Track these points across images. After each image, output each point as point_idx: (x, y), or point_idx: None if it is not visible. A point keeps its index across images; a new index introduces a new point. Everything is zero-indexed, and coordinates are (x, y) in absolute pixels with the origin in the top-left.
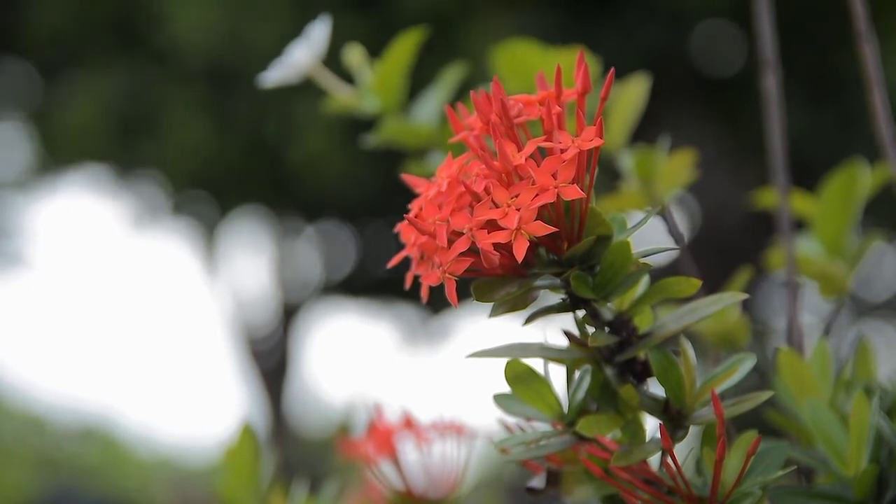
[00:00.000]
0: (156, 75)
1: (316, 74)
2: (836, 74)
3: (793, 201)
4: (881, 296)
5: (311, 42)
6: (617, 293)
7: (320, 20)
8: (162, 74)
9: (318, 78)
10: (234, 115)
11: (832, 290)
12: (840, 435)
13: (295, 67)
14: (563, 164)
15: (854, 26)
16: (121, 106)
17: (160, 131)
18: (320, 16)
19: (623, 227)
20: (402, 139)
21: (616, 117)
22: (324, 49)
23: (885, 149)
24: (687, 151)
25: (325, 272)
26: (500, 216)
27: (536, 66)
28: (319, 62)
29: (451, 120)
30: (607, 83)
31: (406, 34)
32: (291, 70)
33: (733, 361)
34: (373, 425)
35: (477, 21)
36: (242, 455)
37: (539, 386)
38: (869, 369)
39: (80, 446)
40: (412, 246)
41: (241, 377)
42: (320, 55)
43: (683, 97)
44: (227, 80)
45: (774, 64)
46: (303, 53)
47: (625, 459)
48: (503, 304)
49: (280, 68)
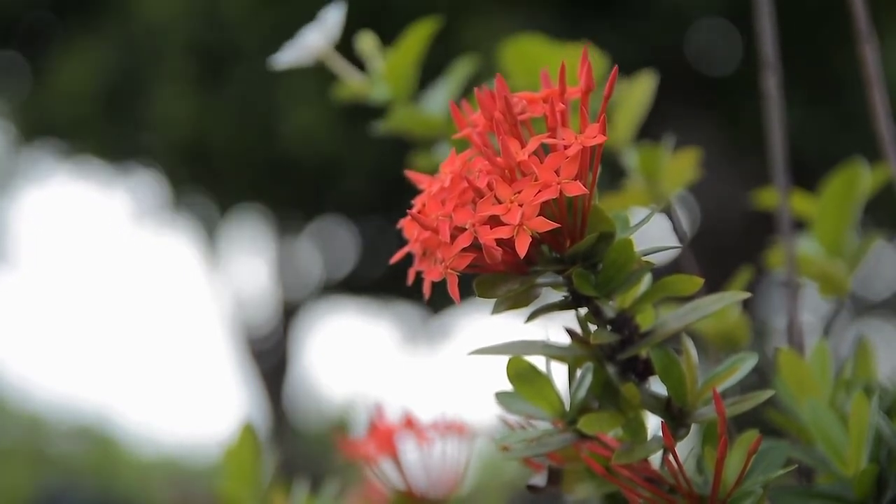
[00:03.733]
0: (141, 50)
1: (328, 59)
2: (837, 74)
3: (793, 201)
4: (881, 294)
5: (325, 26)
6: (619, 291)
7: (335, 5)
8: (147, 49)
9: (330, 63)
10: (223, 92)
11: (832, 290)
12: (840, 434)
13: (308, 50)
14: (567, 160)
15: (854, 26)
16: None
17: (149, 108)
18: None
19: (626, 225)
20: (411, 128)
21: (622, 114)
22: (337, 34)
23: (885, 149)
24: (691, 150)
25: (325, 271)
26: (502, 212)
27: (544, 62)
28: (332, 47)
29: (454, 116)
30: (611, 81)
31: (419, 24)
32: (304, 53)
33: (734, 360)
34: (373, 425)
35: (478, 21)
36: (243, 455)
37: (541, 384)
38: (869, 369)
39: (78, 445)
40: (415, 242)
41: (242, 376)
42: (334, 40)
43: (683, 96)
44: (212, 56)
45: (775, 64)
46: (316, 37)
47: (626, 457)
48: (505, 300)
49: (293, 50)
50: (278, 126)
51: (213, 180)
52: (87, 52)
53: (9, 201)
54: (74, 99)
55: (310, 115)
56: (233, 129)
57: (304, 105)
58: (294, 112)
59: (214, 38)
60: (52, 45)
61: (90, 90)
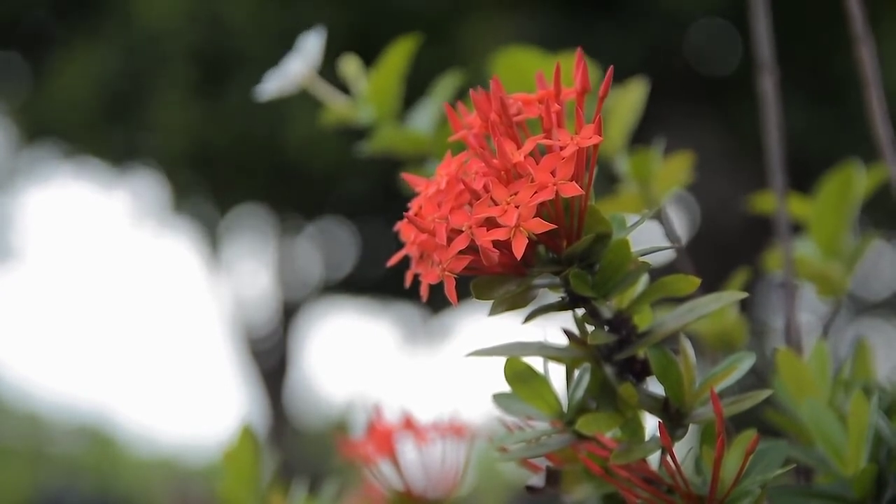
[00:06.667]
0: (143, 56)
1: (311, 85)
2: (834, 75)
3: (790, 204)
4: (879, 294)
5: (305, 53)
6: (616, 291)
7: (314, 32)
8: (149, 54)
9: (314, 89)
10: (225, 96)
11: (829, 291)
12: (839, 434)
13: (290, 79)
14: (562, 161)
15: (852, 28)
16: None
17: (151, 113)
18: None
19: (622, 226)
20: (397, 147)
21: (615, 121)
22: (318, 60)
23: (883, 149)
24: (684, 153)
25: (325, 271)
26: (499, 214)
27: (535, 73)
28: (314, 73)
29: (450, 118)
30: (606, 82)
31: (400, 41)
32: (287, 82)
33: (732, 360)
34: (372, 425)
35: (476, 22)
36: (242, 455)
37: (538, 385)
38: (867, 369)
39: (78, 445)
40: (412, 244)
41: (241, 377)
42: (315, 66)
43: (681, 97)
44: (215, 61)
45: (772, 66)
46: (297, 65)
47: (624, 458)
48: (502, 302)
49: (276, 80)
50: (280, 133)
51: (214, 183)
52: (89, 57)
53: (10, 201)
54: (75, 102)
55: (312, 121)
56: (234, 136)
57: (307, 112)
58: (296, 119)
59: (217, 44)
60: (53, 48)
61: (91, 94)
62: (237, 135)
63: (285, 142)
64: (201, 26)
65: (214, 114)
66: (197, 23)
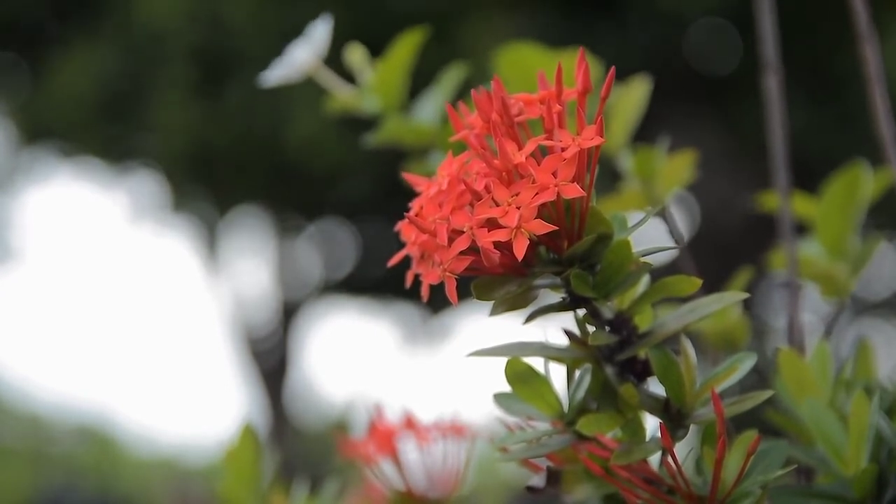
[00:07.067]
0: (143, 55)
1: (317, 74)
2: (835, 75)
3: (794, 203)
4: (880, 294)
5: (312, 41)
6: (617, 292)
7: (322, 19)
8: (149, 54)
9: (319, 77)
10: (225, 96)
11: (834, 292)
12: (840, 434)
13: (296, 67)
14: (564, 162)
15: (855, 26)
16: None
17: (150, 113)
18: (322, 15)
19: (623, 226)
20: (403, 139)
21: (617, 119)
22: (325, 48)
23: (886, 149)
24: (687, 151)
25: (325, 271)
26: (500, 214)
27: (538, 69)
28: (320, 61)
29: (451, 118)
30: (608, 82)
31: (407, 34)
32: (292, 69)
33: (733, 360)
34: (373, 425)
35: (476, 21)
36: (243, 455)
37: (539, 385)
38: (869, 369)
39: (78, 445)
40: (413, 244)
41: (242, 376)
42: (321, 54)
43: (681, 97)
44: (215, 61)
45: (776, 65)
46: (304, 53)
47: (625, 458)
48: (503, 302)
49: (281, 68)
50: (281, 133)
51: (214, 182)
52: (88, 56)
53: (10, 201)
54: (74, 102)
55: (312, 121)
56: (234, 136)
57: (307, 111)
58: (297, 118)
59: (217, 44)
60: (52, 48)
61: (91, 94)
62: (237, 135)
63: (285, 142)
64: (201, 26)
65: (214, 114)
66: (197, 23)
